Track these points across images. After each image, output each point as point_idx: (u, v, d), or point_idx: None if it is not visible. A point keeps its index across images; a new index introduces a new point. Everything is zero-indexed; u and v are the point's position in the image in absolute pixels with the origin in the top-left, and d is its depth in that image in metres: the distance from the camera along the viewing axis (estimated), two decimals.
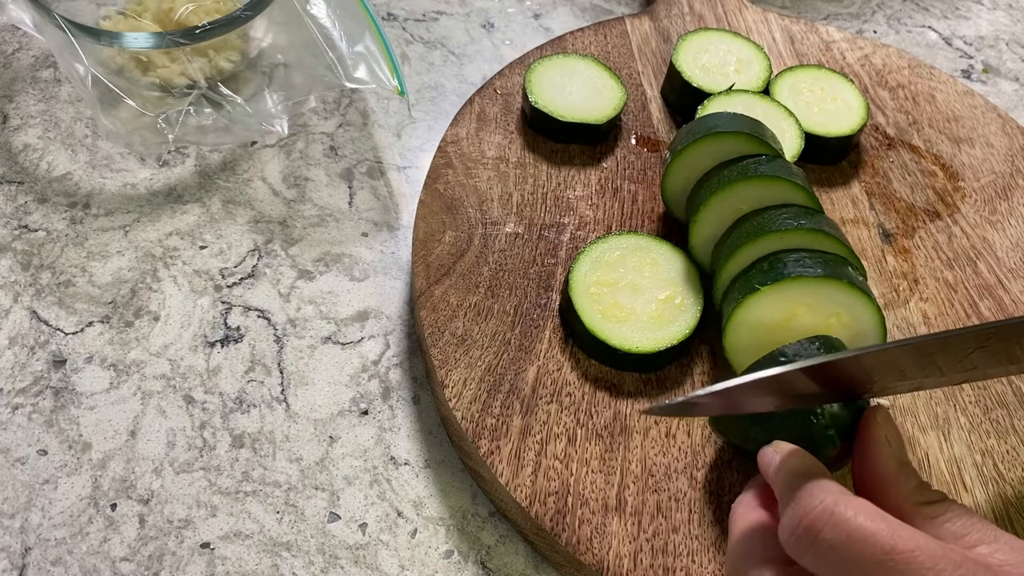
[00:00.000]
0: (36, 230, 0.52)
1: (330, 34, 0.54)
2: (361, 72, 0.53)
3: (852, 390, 0.36)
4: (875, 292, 0.51)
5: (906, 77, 0.64)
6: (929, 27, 0.77)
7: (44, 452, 0.43)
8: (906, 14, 0.78)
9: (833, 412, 0.36)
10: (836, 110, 0.57)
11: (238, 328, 0.49)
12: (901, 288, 0.51)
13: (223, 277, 0.51)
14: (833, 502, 0.29)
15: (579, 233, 0.51)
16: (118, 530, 0.41)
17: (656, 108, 0.59)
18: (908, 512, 0.31)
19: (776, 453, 0.34)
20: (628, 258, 0.47)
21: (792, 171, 0.46)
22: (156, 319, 0.49)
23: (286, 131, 0.54)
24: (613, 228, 0.52)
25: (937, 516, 0.31)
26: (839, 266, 0.41)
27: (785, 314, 0.42)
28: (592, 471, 0.41)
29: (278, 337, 0.49)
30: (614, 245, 0.48)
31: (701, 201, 0.47)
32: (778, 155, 0.47)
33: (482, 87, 0.58)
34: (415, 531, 0.43)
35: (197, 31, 0.52)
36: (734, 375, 0.44)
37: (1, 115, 0.57)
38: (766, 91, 0.58)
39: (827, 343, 0.39)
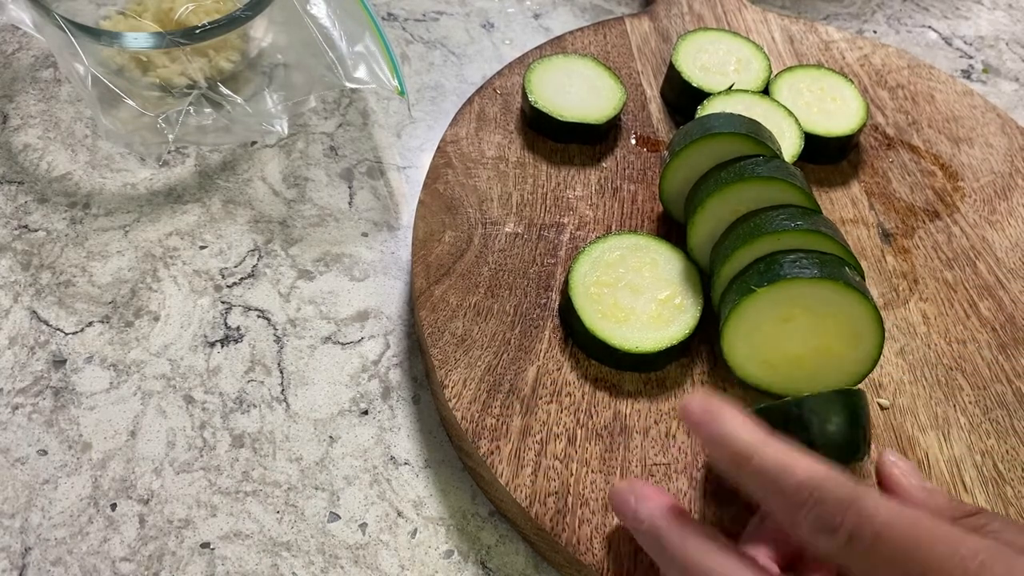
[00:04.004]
0: (36, 230, 0.52)
1: (330, 34, 0.54)
2: (361, 72, 0.53)
3: None
4: (874, 292, 0.51)
5: (905, 77, 0.64)
6: (929, 27, 0.77)
7: (44, 452, 0.43)
8: (906, 14, 0.78)
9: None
10: (836, 110, 0.57)
11: (238, 328, 0.49)
12: (901, 288, 0.51)
13: (223, 277, 0.51)
14: (856, 505, 0.29)
15: (579, 233, 0.51)
16: (118, 530, 0.41)
17: (656, 108, 0.59)
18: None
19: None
20: (628, 258, 0.47)
21: (790, 172, 0.46)
22: (156, 319, 0.49)
23: (286, 131, 0.54)
24: (613, 228, 0.52)
25: (981, 527, 0.31)
26: (836, 267, 0.41)
27: (782, 315, 0.42)
28: (592, 471, 0.41)
29: (278, 337, 0.49)
30: (614, 245, 0.48)
31: (698, 203, 0.47)
32: (776, 156, 0.47)
33: (482, 87, 0.58)
34: (415, 531, 0.43)
35: (197, 31, 0.52)
36: (733, 375, 0.44)
37: (1, 115, 0.57)
38: (766, 91, 0.58)
39: (848, 402, 0.37)
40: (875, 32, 0.75)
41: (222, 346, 0.48)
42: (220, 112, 0.55)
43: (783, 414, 0.37)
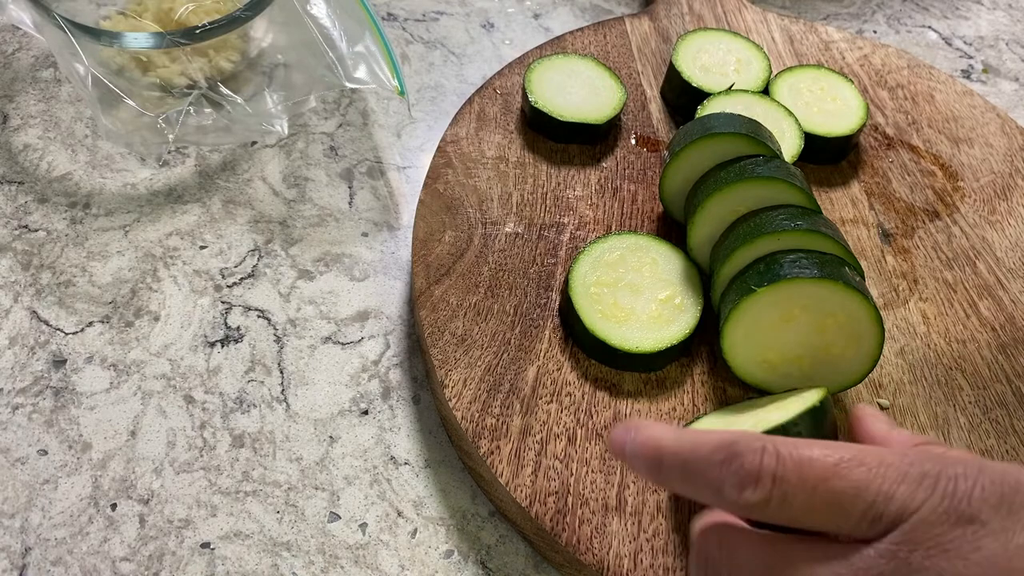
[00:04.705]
0: (36, 230, 0.52)
1: (330, 34, 0.54)
2: (361, 72, 0.53)
3: None
4: (874, 292, 0.51)
5: (905, 77, 0.64)
6: (929, 27, 0.77)
7: (44, 452, 0.43)
8: (906, 14, 0.78)
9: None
10: (836, 110, 0.57)
11: (238, 328, 0.49)
12: (900, 288, 0.51)
13: (223, 277, 0.51)
14: (771, 448, 0.28)
15: (579, 233, 0.51)
16: (118, 530, 0.41)
17: (656, 108, 0.59)
18: None
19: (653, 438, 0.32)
20: (628, 258, 0.47)
21: (789, 171, 0.46)
22: (156, 319, 0.49)
23: (286, 131, 0.54)
24: (613, 228, 0.52)
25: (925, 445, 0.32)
26: (836, 267, 0.41)
27: (782, 315, 0.42)
28: (592, 471, 0.41)
29: (278, 337, 0.49)
30: (614, 245, 0.48)
31: (698, 203, 0.47)
32: (776, 155, 0.47)
33: (482, 87, 0.58)
34: (415, 531, 0.43)
35: (197, 31, 0.52)
36: (733, 375, 0.44)
37: (1, 115, 0.57)
38: (766, 91, 0.58)
39: (813, 418, 0.36)
40: (875, 32, 0.75)
41: (222, 346, 0.48)
42: (220, 112, 0.55)
43: None
